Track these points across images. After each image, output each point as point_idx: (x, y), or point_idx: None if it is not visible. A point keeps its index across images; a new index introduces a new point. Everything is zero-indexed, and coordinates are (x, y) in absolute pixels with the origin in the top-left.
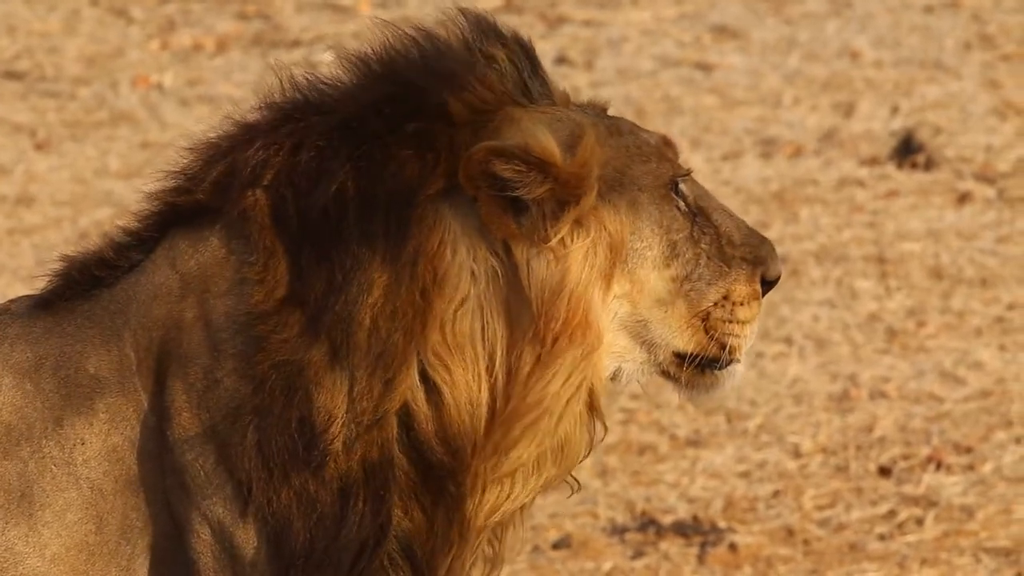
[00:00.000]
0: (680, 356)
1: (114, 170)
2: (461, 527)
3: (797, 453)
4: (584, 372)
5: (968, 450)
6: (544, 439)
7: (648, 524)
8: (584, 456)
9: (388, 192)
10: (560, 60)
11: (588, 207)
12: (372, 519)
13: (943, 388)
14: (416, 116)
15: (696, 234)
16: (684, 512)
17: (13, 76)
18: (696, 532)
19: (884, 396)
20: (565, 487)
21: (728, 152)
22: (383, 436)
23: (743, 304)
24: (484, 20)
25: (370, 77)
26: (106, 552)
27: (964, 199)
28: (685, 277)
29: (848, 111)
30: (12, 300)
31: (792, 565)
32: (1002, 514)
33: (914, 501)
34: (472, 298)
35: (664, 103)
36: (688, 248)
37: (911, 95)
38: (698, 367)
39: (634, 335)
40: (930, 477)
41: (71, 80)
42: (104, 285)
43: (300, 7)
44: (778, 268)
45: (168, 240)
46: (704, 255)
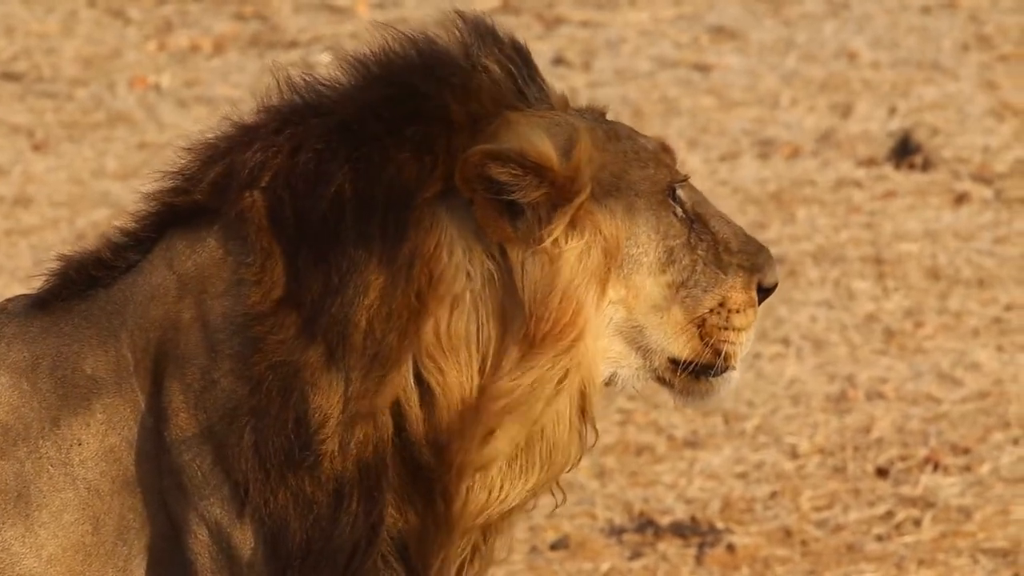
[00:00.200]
0: (675, 362)
1: (111, 171)
2: (448, 528)
3: (795, 454)
4: (564, 368)
5: (966, 451)
6: (518, 431)
7: (646, 525)
8: (574, 461)
9: (385, 194)
10: (557, 61)
11: (582, 208)
12: (365, 519)
13: (941, 389)
14: (414, 119)
15: (693, 240)
16: (682, 513)
17: (11, 77)
18: (694, 533)
19: (882, 397)
20: (560, 494)
21: (726, 153)
22: (378, 436)
23: (739, 311)
24: (482, 24)
25: (369, 79)
26: (103, 553)
27: (961, 200)
28: (681, 283)
29: (846, 112)
30: (9, 299)
31: (790, 566)
32: (999, 515)
33: (912, 502)
34: (467, 300)
35: (662, 104)
36: (685, 254)
37: (908, 96)
38: (693, 374)
39: (629, 341)
40: (927, 478)
41: (68, 81)
42: (101, 285)
43: (297, 8)
44: (775, 276)
45: (165, 241)
46: (701, 261)
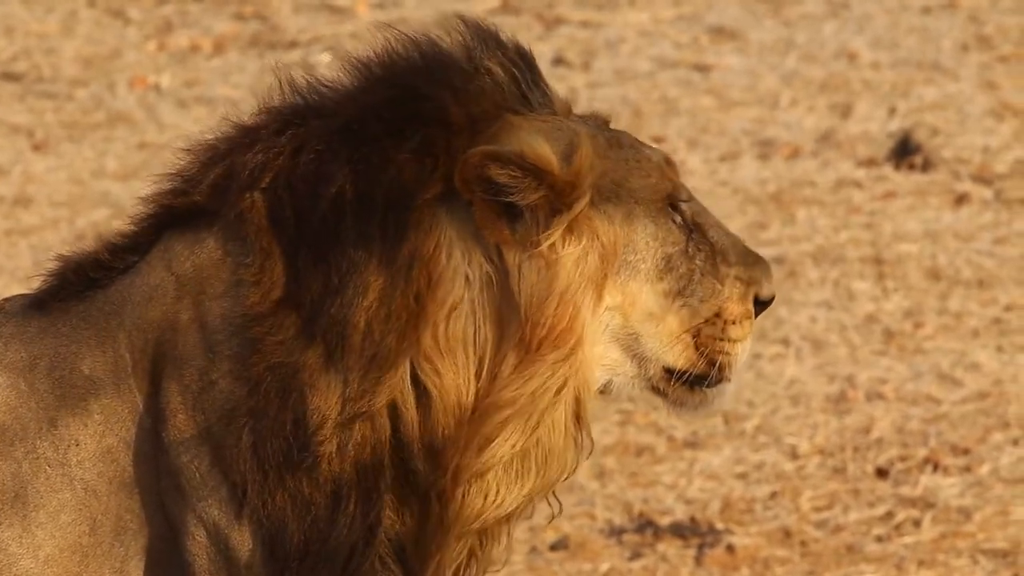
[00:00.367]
0: (669, 372)
1: (111, 171)
2: (444, 531)
3: (794, 454)
4: (564, 376)
5: (965, 451)
6: (518, 440)
7: (645, 525)
8: (570, 469)
9: (386, 195)
10: (557, 61)
11: (580, 213)
12: (362, 521)
13: (940, 389)
14: (414, 120)
15: (691, 250)
16: (681, 513)
17: (10, 77)
18: (693, 533)
19: (881, 397)
20: (556, 503)
21: (725, 153)
22: (376, 438)
23: (735, 323)
24: (485, 28)
25: (371, 81)
26: (100, 554)
27: (961, 200)
28: (678, 292)
29: (845, 112)
30: (6, 299)
31: (789, 566)
32: (999, 515)
33: (911, 502)
34: (465, 303)
35: (661, 104)
36: (682, 263)
37: (908, 96)
38: (687, 384)
39: (625, 348)
40: (927, 479)
41: (68, 81)
42: (99, 286)
43: (297, 8)
44: (772, 289)
45: (164, 242)
46: (698, 271)
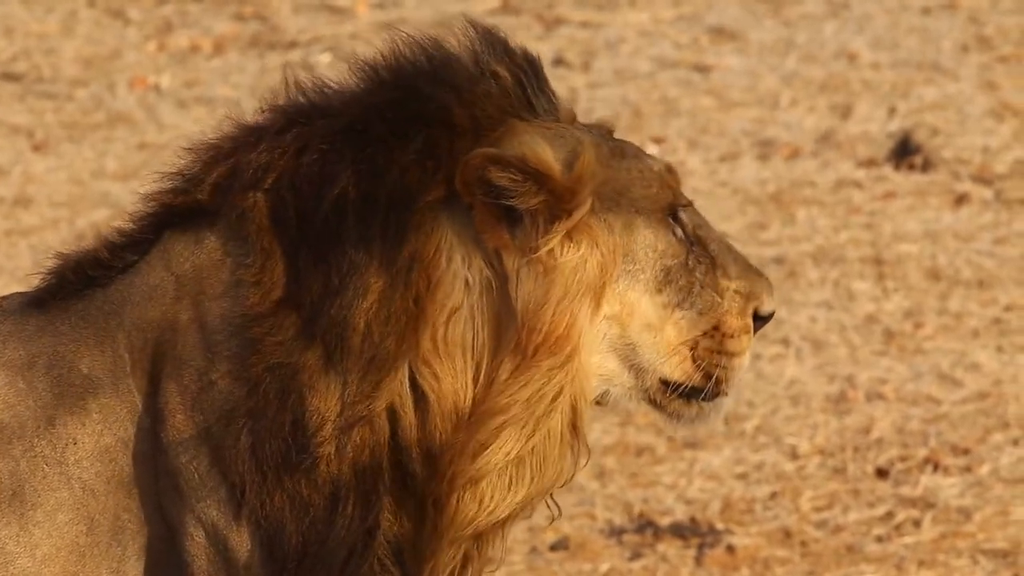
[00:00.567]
0: (666, 383)
1: (111, 171)
2: (438, 536)
3: (794, 455)
4: (559, 384)
5: (965, 452)
6: (513, 447)
7: (646, 526)
8: (565, 478)
9: (388, 196)
10: (557, 62)
11: (580, 221)
12: (360, 523)
13: (940, 390)
14: (419, 122)
15: (691, 262)
16: (682, 514)
17: (10, 77)
18: (694, 534)
19: (881, 398)
20: (555, 508)
21: (725, 153)
22: (375, 440)
23: (733, 337)
24: (494, 34)
25: (377, 82)
26: (97, 553)
27: (961, 200)
28: (677, 304)
29: (845, 112)
30: (4, 297)
31: (789, 567)
32: (999, 516)
33: (911, 503)
34: (465, 307)
35: (661, 104)
36: (682, 275)
37: (908, 96)
38: (683, 397)
39: (623, 358)
40: (927, 479)
41: (68, 81)
42: (98, 285)
43: (297, 8)
44: (772, 305)
45: (164, 242)
46: (698, 284)
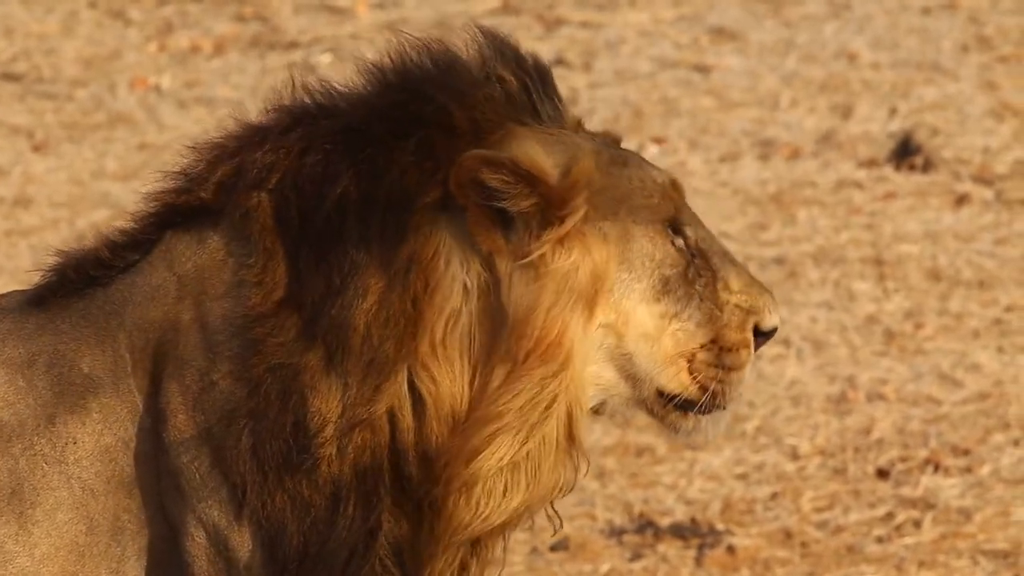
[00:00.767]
0: (662, 394)
1: (111, 172)
2: (435, 540)
3: (795, 455)
4: (553, 392)
5: (966, 452)
6: (506, 453)
7: (646, 526)
8: (563, 486)
9: (388, 197)
10: (558, 62)
11: (573, 228)
12: (362, 524)
13: (941, 390)
14: (419, 124)
15: (691, 274)
16: (682, 514)
17: (11, 78)
18: (694, 534)
19: (882, 398)
20: (556, 519)
21: (726, 154)
22: (376, 442)
23: (731, 351)
24: (503, 40)
25: (383, 84)
26: (96, 553)
27: (962, 201)
28: (674, 315)
29: (846, 113)
30: (2, 295)
31: (790, 567)
32: (1000, 516)
33: (912, 503)
34: (462, 311)
35: (662, 105)
36: (680, 286)
37: (909, 97)
38: (680, 408)
39: (619, 368)
40: (928, 479)
41: (69, 82)
42: (99, 284)
43: (297, 9)
44: (774, 320)
45: (166, 241)
46: (697, 296)
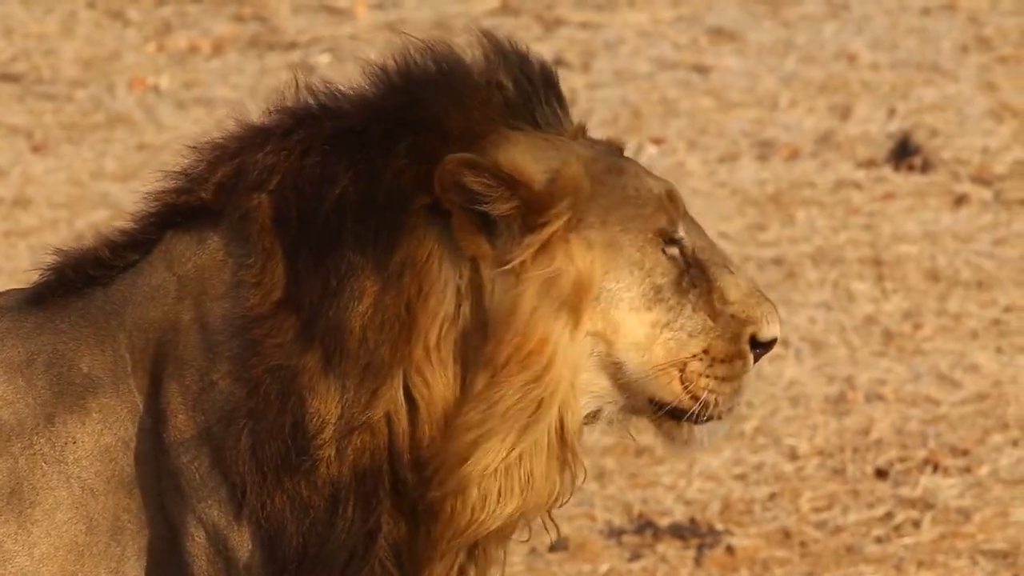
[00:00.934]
0: (654, 403)
1: (110, 172)
2: (432, 544)
3: (794, 455)
4: (537, 398)
5: (965, 452)
6: (493, 458)
7: (645, 526)
8: (559, 494)
9: (384, 199)
10: (557, 62)
11: (555, 235)
12: (361, 526)
13: (940, 390)
14: (415, 127)
15: (685, 284)
16: (681, 514)
17: (10, 78)
18: (693, 534)
19: (881, 398)
20: (553, 529)
21: (725, 154)
22: (375, 444)
23: (724, 362)
24: (507, 44)
25: (385, 87)
26: (96, 553)
27: (961, 201)
28: (666, 324)
29: (845, 113)
30: (0, 293)
31: (789, 568)
32: (999, 516)
33: (911, 503)
34: (456, 316)
35: (661, 105)
36: (673, 296)
37: (908, 97)
38: (673, 418)
39: (612, 377)
40: (927, 479)
41: (68, 82)
42: (99, 284)
43: (296, 9)
44: (772, 331)
45: (166, 242)
46: (690, 306)
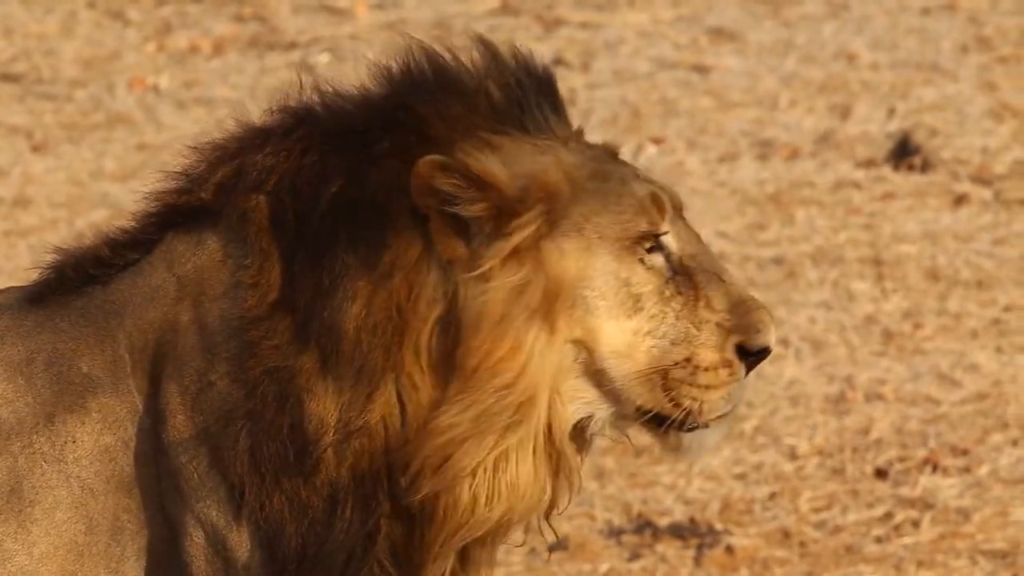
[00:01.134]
0: (640, 410)
1: (110, 172)
2: (426, 546)
3: (793, 455)
4: (513, 403)
5: (964, 452)
6: (470, 462)
7: (645, 526)
8: (550, 500)
9: (376, 200)
10: (557, 62)
11: (525, 242)
12: (360, 527)
13: (939, 390)
14: (403, 130)
15: (668, 292)
16: (681, 514)
17: (10, 78)
18: (693, 534)
19: (880, 398)
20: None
21: (724, 154)
22: (372, 447)
23: (708, 370)
24: (503, 49)
25: (384, 88)
26: (95, 552)
27: (961, 201)
28: (648, 332)
29: (845, 113)
30: (0, 291)
31: (788, 567)
32: (998, 516)
33: (910, 503)
34: (444, 319)
35: (661, 105)
36: (654, 303)
37: (908, 97)
38: (657, 424)
39: (597, 384)
40: (926, 479)
41: (68, 82)
42: (99, 283)
43: (296, 9)
44: (764, 340)
45: (166, 242)
46: (673, 314)
